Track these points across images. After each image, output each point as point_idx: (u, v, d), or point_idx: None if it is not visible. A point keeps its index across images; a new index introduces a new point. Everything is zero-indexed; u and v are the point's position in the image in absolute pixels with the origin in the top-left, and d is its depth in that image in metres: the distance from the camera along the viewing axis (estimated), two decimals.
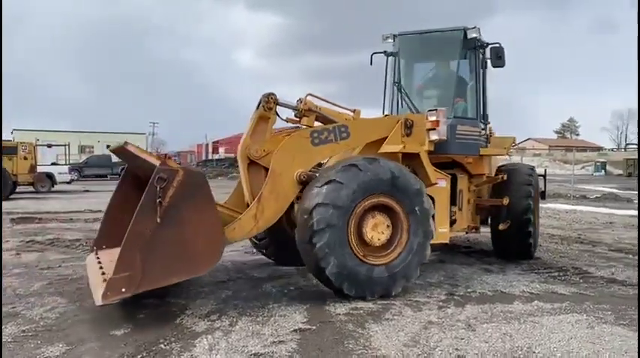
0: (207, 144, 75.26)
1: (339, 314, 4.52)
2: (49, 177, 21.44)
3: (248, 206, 5.03)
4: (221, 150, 75.88)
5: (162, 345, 3.77)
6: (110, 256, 5.04)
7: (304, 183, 5.07)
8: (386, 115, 7.06)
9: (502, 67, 6.56)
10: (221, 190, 21.15)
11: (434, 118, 5.85)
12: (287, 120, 5.74)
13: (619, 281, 5.90)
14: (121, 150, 4.89)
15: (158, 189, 4.08)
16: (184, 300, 4.93)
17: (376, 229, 5.01)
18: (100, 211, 13.05)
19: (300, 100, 5.69)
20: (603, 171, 52.15)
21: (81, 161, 38.55)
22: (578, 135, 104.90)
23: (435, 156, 6.08)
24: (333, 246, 4.68)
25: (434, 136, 5.86)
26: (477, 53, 6.77)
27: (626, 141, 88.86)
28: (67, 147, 32.27)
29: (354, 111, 6.33)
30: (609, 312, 4.69)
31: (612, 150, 76.61)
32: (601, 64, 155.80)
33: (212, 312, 4.56)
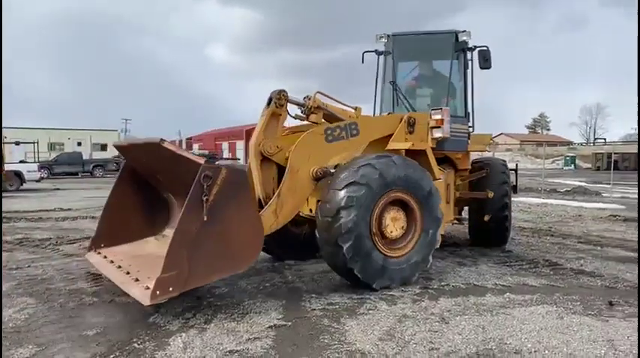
0: (180, 141, 74.49)
1: (315, 310, 4.53)
2: (18, 175, 20.90)
3: (259, 201, 5.13)
4: (195, 146, 75.21)
5: (135, 344, 3.73)
6: (124, 254, 5.12)
7: (319, 178, 5.23)
8: (389, 113, 7.21)
9: (489, 68, 6.90)
10: None
11: (439, 117, 6.14)
12: (295, 117, 5.81)
13: (587, 273, 6.04)
14: (149, 148, 4.74)
15: (205, 186, 4.08)
16: None
17: (394, 223, 5.20)
18: (70, 209, 12.83)
19: (308, 97, 5.74)
20: (573, 165, 53.38)
21: (51, 158, 37.70)
22: (549, 130, 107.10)
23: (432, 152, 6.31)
24: (358, 245, 4.85)
25: (438, 134, 6.17)
26: (465, 55, 7.14)
27: (594, 135, 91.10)
28: (35, 144, 31.56)
29: (355, 108, 6.40)
30: (578, 303, 4.81)
31: (581, 144, 78.33)
32: (570, 60, 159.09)
33: (186, 310, 4.52)
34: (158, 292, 3.89)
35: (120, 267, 4.78)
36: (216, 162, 5.01)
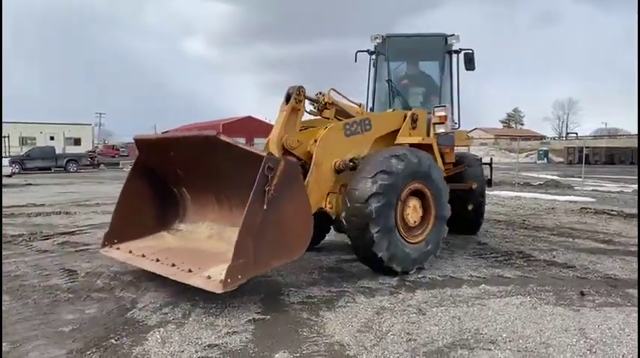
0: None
1: (294, 303, 4.55)
2: None
3: None
4: None
5: (112, 340, 3.69)
6: (150, 248, 5.21)
7: (340, 171, 5.47)
8: (393, 110, 7.45)
9: (473, 70, 7.47)
10: None
11: (442, 114, 6.61)
12: (310, 113, 5.99)
13: (559, 264, 6.19)
14: (195, 141, 4.85)
15: (269, 177, 4.24)
16: (135, 294, 4.83)
17: (414, 212, 5.65)
18: (43, 205, 12.57)
19: (321, 94, 5.97)
20: (546, 159, 54.45)
21: (22, 153, 36.85)
22: (522, 124, 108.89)
23: None
24: (386, 231, 5.23)
25: (441, 129, 6.65)
26: (452, 57, 7.63)
27: (566, 130, 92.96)
28: (6, 138, 30.82)
29: (359, 104, 6.65)
30: (551, 293, 4.92)
31: (554, 138, 79.85)
32: (544, 56, 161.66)
33: (164, 305, 4.49)
34: (229, 280, 4.03)
35: (158, 260, 4.86)
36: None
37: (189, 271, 4.46)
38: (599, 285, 5.25)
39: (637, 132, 29.44)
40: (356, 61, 7.99)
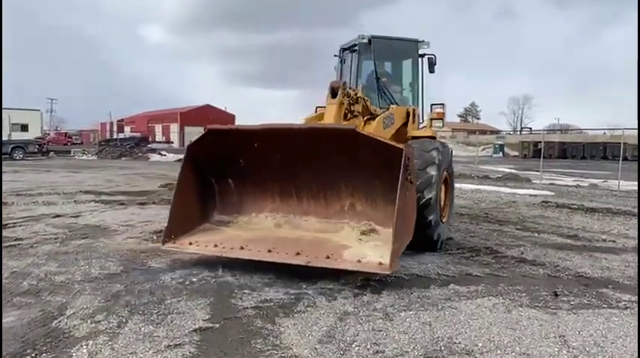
0: (111, 123, 71.01)
1: (247, 308, 4.06)
2: None
3: None
4: (127, 129, 72.05)
5: (29, 356, 3.12)
6: (225, 240, 5.29)
7: None
8: (380, 106, 7.68)
9: (433, 73, 8.15)
10: (121, 172, 19.45)
11: (440, 110, 7.66)
12: (340, 105, 6.36)
13: (528, 261, 5.92)
14: (343, 134, 5.02)
15: (409, 167, 4.68)
16: (65, 297, 4.24)
17: (444, 196, 6.75)
18: None
19: (352, 89, 6.53)
20: (501, 152, 55.39)
21: None
22: (479, 119, 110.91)
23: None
24: (437, 215, 6.04)
25: (438, 124, 7.66)
26: (420, 60, 8.23)
27: (521, 124, 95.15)
28: None
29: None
30: (523, 294, 4.62)
31: (509, 133, 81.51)
32: (499, 52, 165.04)
33: (98, 311, 3.92)
34: (393, 262, 4.35)
35: (270, 250, 4.95)
36: None
37: (327, 258, 4.67)
38: (572, 285, 4.98)
39: (637, 125, 30.08)
40: (343, 62, 8.52)
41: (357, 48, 7.95)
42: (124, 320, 3.74)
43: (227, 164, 5.78)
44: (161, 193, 12.60)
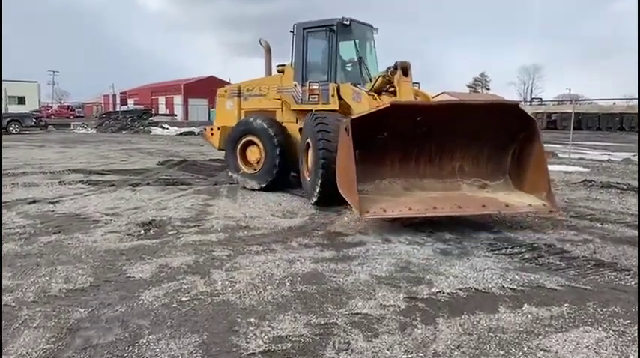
0: (114, 95, 69.60)
1: (254, 355, 2.86)
2: None
3: None
4: (130, 101, 70.69)
5: None
6: (416, 203, 5.72)
7: None
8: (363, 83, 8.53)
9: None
10: (119, 147, 17.80)
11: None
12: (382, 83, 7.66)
13: (608, 265, 4.69)
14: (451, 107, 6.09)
15: None
16: (3, 335, 3.06)
17: None
18: None
19: (389, 68, 7.28)
20: None
21: None
22: (488, 89, 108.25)
23: None
24: None
25: None
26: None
27: (531, 95, 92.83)
28: None
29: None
30: (628, 321, 3.40)
31: (520, 103, 79.36)
32: (509, 20, 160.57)
33: (43, 354, 2.75)
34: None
35: (435, 207, 5.60)
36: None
37: (484, 206, 5.78)
38: None
39: (637, 102, 28.63)
40: (293, 35, 8.89)
41: (334, 28, 8.41)
42: None
43: (369, 136, 5.98)
44: (158, 171, 11.40)
